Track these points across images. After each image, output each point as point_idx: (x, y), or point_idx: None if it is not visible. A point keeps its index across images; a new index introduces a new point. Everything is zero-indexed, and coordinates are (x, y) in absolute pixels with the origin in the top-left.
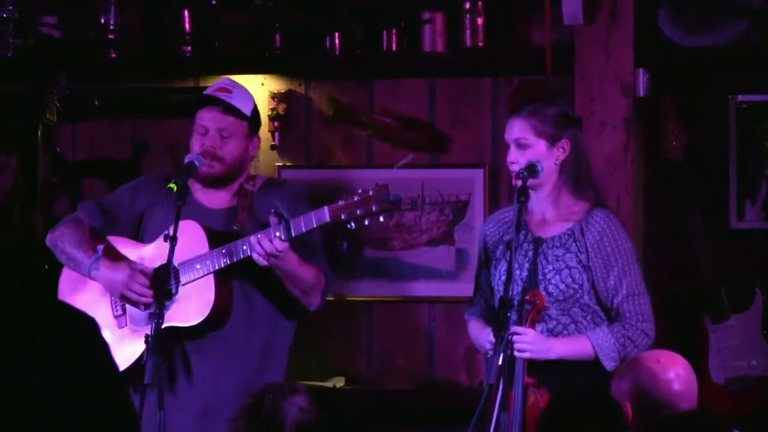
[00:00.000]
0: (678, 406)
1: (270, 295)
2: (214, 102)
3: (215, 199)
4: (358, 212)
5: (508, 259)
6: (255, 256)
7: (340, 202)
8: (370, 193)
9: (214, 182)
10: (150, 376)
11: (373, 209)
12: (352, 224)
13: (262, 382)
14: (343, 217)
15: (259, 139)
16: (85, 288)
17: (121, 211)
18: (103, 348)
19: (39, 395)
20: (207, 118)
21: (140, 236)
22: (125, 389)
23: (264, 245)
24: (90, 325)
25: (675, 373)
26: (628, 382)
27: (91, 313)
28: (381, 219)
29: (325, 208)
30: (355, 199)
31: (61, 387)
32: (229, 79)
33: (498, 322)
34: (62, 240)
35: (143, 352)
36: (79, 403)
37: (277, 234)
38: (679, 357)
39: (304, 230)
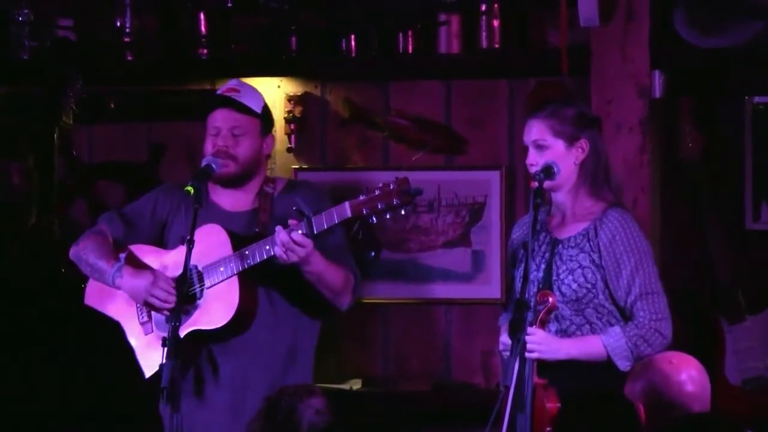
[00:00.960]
0: (691, 407)
1: (293, 297)
2: (224, 102)
3: (235, 202)
4: (379, 206)
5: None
6: (277, 251)
7: (361, 197)
8: (391, 187)
9: (229, 182)
10: (167, 379)
11: (395, 203)
12: (374, 219)
13: (288, 383)
14: (364, 212)
15: (273, 138)
16: (111, 298)
17: (143, 220)
18: (126, 352)
19: (58, 395)
20: (218, 118)
21: (164, 244)
22: (148, 393)
23: (282, 238)
24: (114, 330)
25: (688, 374)
26: (641, 383)
27: (118, 321)
28: (402, 212)
29: (346, 203)
30: (377, 193)
31: (82, 388)
32: (238, 80)
33: (514, 324)
34: (85, 252)
35: None
36: (100, 405)
37: (300, 231)
38: (691, 358)
39: (326, 227)
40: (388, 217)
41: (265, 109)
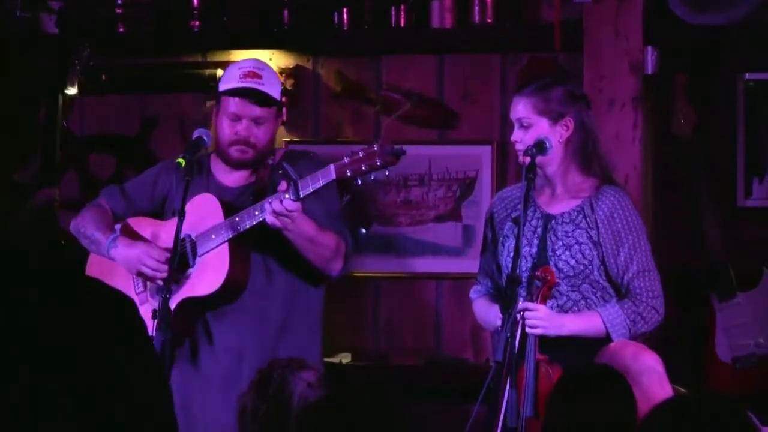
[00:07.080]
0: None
1: (290, 267)
2: (245, 92)
3: (237, 176)
4: (363, 167)
5: (516, 235)
6: (267, 217)
7: (345, 159)
8: (375, 148)
9: (244, 166)
10: (158, 351)
11: (378, 163)
12: (359, 180)
13: (282, 354)
14: (348, 173)
15: (285, 111)
16: (110, 269)
17: (144, 196)
18: (145, 328)
19: (86, 370)
20: (239, 106)
21: (163, 218)
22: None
23: (274, 205)
24: (131, 306)
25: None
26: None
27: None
28: (386, 173)
29: (331, 165)
30: (360, 155)
31: (109, 366)
32: (257, 61)
33: (506, 299)
34: (84, 225)
35: None
36: (127, 383)
37: (287, 196)
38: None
39: (311, 189)
40: (372, 178)
41: (282, 90)
